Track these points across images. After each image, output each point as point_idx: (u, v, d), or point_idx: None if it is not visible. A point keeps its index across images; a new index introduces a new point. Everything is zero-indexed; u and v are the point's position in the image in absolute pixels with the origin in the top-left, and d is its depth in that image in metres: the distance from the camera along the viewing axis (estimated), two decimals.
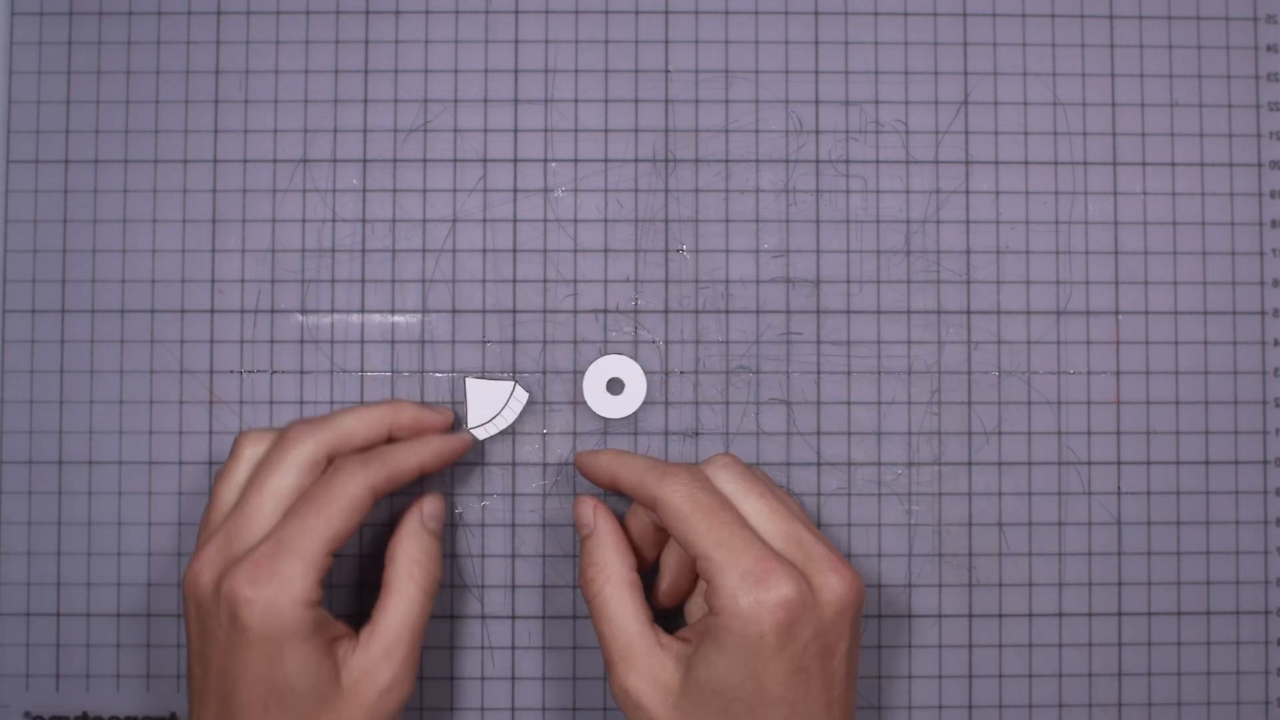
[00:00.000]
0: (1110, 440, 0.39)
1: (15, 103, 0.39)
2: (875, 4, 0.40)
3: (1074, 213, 0.40)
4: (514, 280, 0.39)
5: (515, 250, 0.40)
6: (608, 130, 0.40)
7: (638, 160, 0.40)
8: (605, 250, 0.39)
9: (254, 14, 0.40)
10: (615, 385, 0.39)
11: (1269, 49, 0.40)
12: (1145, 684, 0.39)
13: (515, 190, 0.40)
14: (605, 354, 0.39)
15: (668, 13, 0.40)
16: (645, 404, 0.39)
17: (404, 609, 0.33)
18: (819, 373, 0.39)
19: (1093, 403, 0.40)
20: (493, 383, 0.37)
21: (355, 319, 0.39)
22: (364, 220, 0.40)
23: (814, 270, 0.39)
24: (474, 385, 0.37)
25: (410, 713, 0.39)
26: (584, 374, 0.39)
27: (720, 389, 0.39)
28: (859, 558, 0.39)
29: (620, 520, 0.36)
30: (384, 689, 0.32)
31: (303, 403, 0.39)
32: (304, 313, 0.39)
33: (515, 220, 0.40)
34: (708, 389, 0.39)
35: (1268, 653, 0.39)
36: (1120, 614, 0.39)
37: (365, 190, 0.40)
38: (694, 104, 0.40)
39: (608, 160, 0.40)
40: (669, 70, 0.40)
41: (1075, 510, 0.39)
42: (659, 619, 0.34)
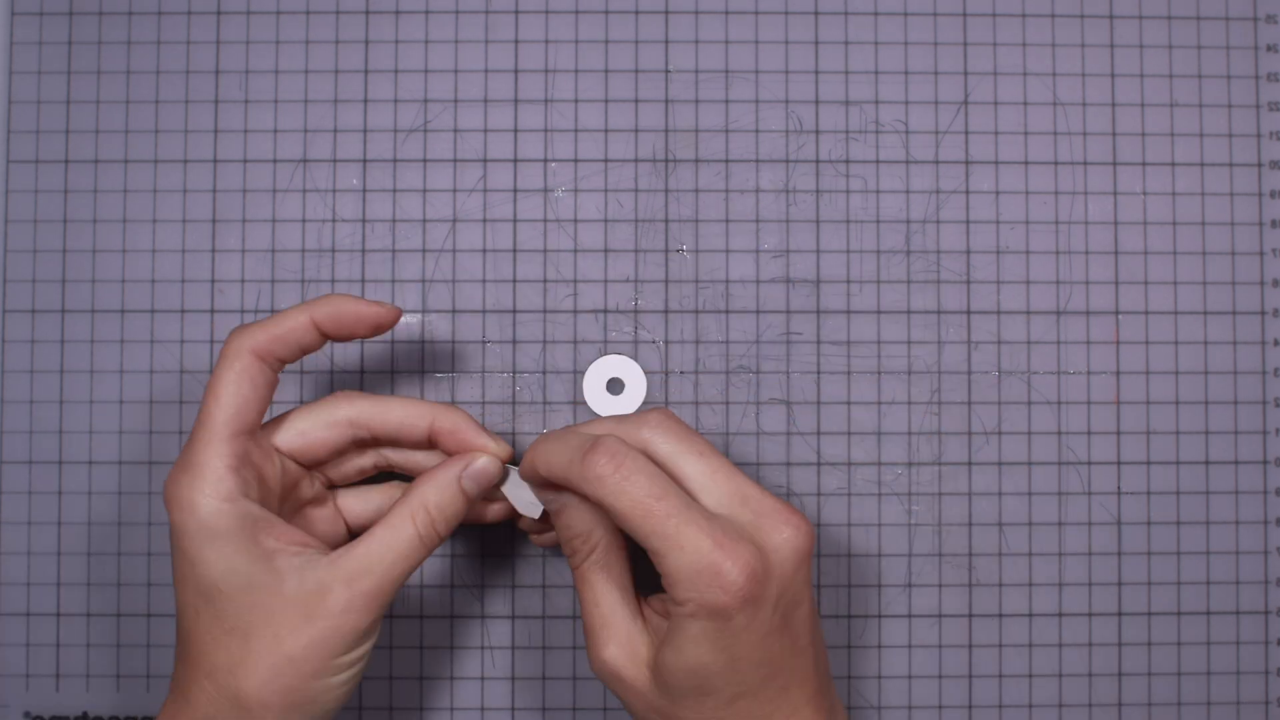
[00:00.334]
0: (1110, 440, 0.39)
1: (15, 103, 0.39)
2: (875, 4, 0.40)
3: (1074, 213, 0.40)
4: (514, 280, 0.39)
5: (515, 250, 0.40)
6: (608, 130, 0.40)
7: (638, 160, 0.40)
8: (605, 250, 0.39)
9: (254, 14, 0.40)
10: (615, 385, 0.39)
11: (1269, 49, 0.40)
12: (1145, 684, 0.39)
13: (515, 190, 0.40)
14: (605, 354, 0.39)
15: (668, 13, 0.40)
16: (645, 404, 0.39)
17: (389, 544, 0.31)
18: (819, 373, 0.39)
19: (1093, 403, 0.40)
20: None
21: None
22: (364, 220, 0.40)
23: (814, 270, 0.39)
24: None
25: (411, 713, 0.39)
26: (584, 374, 0.39)
27: (720, 389, 0.39)
28: (859, 557, 0.39)
29: None
30: (336, 613, 0.29)
31: (302, 403, 0.39)
32: None
33: (515, 220, 0.40)
34: (708, 389, 0.39)
35: (1268, 653, 0.39)
36: (1120, 614, 0.39)
37: (365, 190, 0.40)
38: (694, 104, 0.40)
39: (608, 160, 0.40)
40: (669, 70, 0.40)
41: (1075, 510, 0.39)
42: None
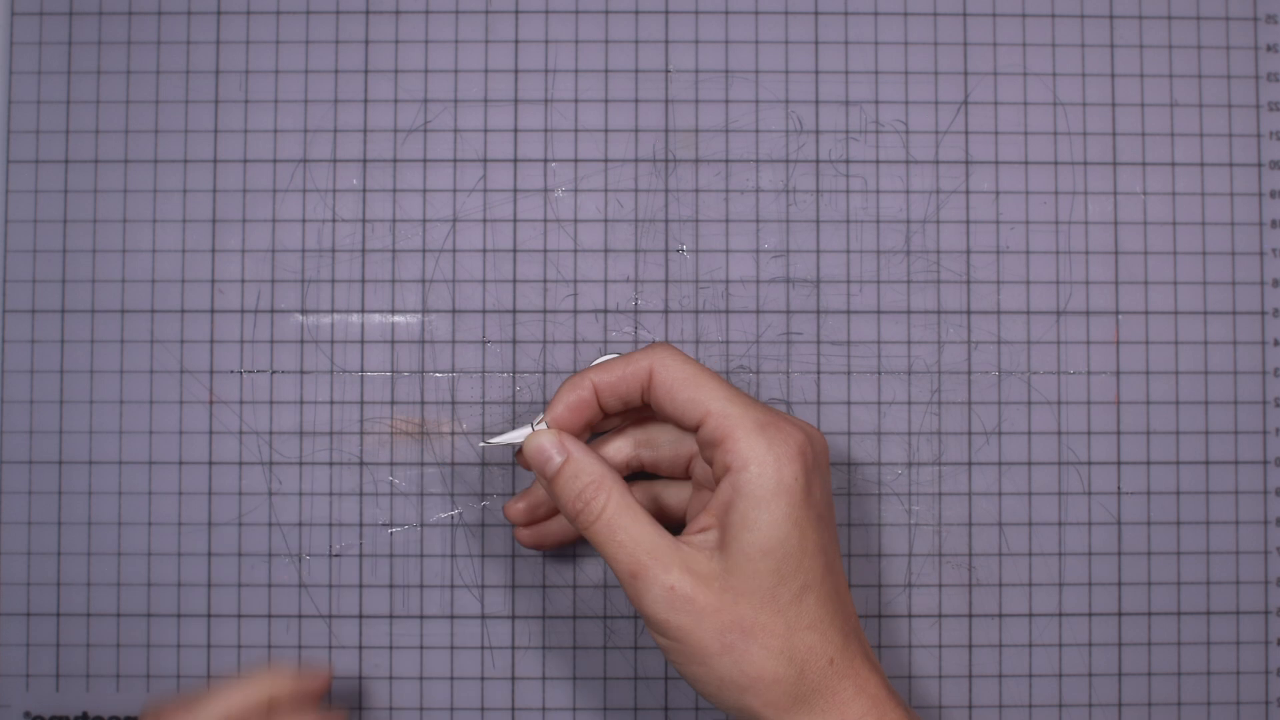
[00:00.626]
0: (1110, 440, 0.39)
1: (15, 103, 0.39)
2: (875, 4, 0.40)
3: (1074, 213, 0.40)
4: (514, 280, 0.39)
5: (515, 250, 0.40)
6: (608, 130, 0.40)
7: (638, 160, 0.40)
8: (605, 250, 0.39)
9: (254, 14, 0.40)
10: None
11: (1269, 49, 0.40)
12: (1145, 684, 0.39)
13: (515, 190, 0.40)
14: (605, 354, 0.39)
15: (668, 13, 0.40)
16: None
17: None
18: (819, 373, 0.39)
19: (1093, 403, 0.40)
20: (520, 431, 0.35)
21: (355, 319, 0.39)
22: (364, 220, 0.40)
23: (814, 270, 0.39)
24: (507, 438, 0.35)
25: (411, 712, 0.39)
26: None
27: None
28: (859, 558, 0.39)
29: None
30: None
31: (302, 403, 0.39)
32: (304, 313, 0.39)
33: (515, 220, 0.40)
34: None
35: (1268, 653, 0.39)
36: (1120, 614, 0.39)
37: (365, 190, 0.40)
38: (694, 104, 0.40)
39: (608, 160, 0.40)
40: (669, 70, 0.40)
41: (1075, 510, 0.39)
42: None
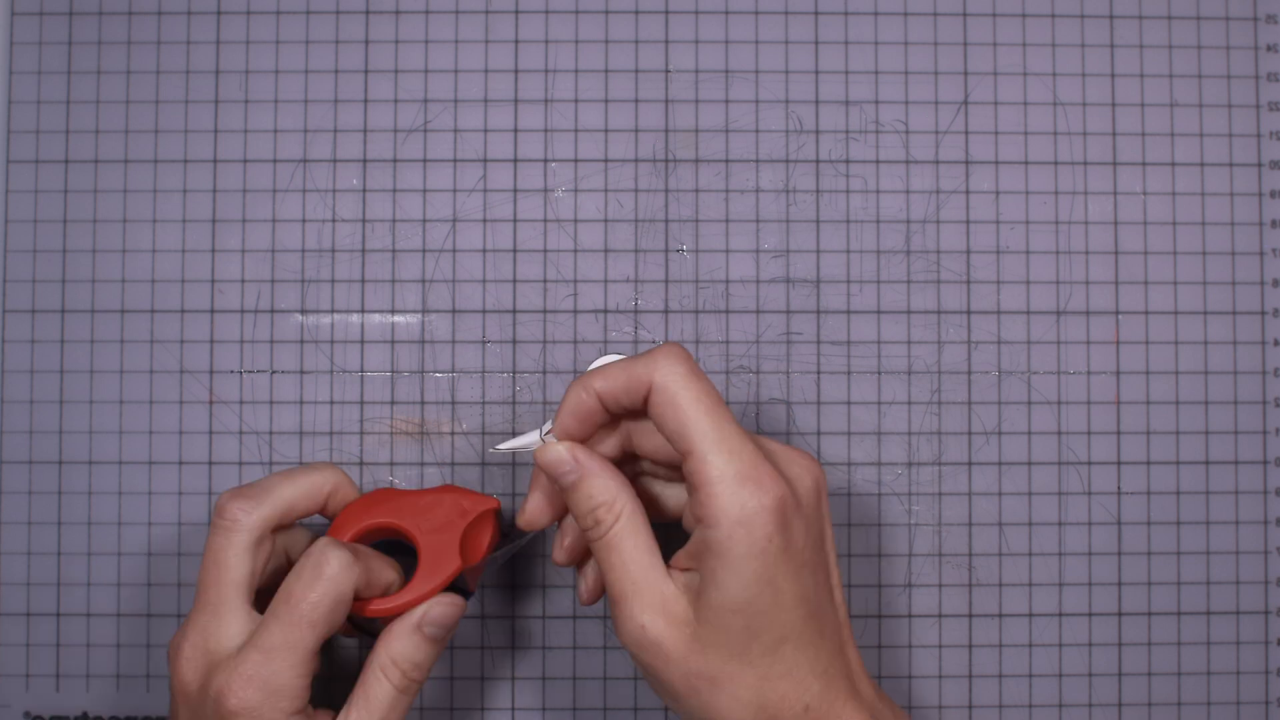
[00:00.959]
0: (1110, 440, 0.39)
1: (15, 103, 0.39)
2: (875, 4, 0.40)
3: (1074, 213, 0.40)
4: (514, 280, 0.39)
5: (515, 250, 0.40)
6: (608, 130, 0.40)
7: (638, 160, 0.40)
8: (605, 250, 0.39)
9: (254, 14, 0.40)
10: None
11: (1269, 49, 0.40)
12: (1145, 684, 0.39)
13: (515, 190, 0.40)
14: (605, 354, 0.39)
15: (668, 13, 0.40)
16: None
17: (372, 709, 0.32)
18: (819, 373, 0.39)
19: (1093, 403, 0.40)
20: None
21: (355, 319, 0.39)
22: (364, 220, 0.40)
23: (814, 270, 0.39)
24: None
25: (410, 713, 0.39)
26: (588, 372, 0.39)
27: (720, 389, 0.39)
28: (859, 558, 0.39)
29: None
30: None
31: (302, 403, 0.39)
32: (304, 313, 0.39)
33: (515, 220, 0.40)
34: None
35: (1268, 653, 0.39)
36: (1120, 614, 0.39)
37: (365, 190, 0.40)
38: (694, 104, 0.40)
39: (608, 160, 0.40)
40: (669, 70, 0.40)
41: (1075, 510, 0.39)
42: None
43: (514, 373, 0.39)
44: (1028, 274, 0.40)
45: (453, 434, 0.39)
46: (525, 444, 0.34)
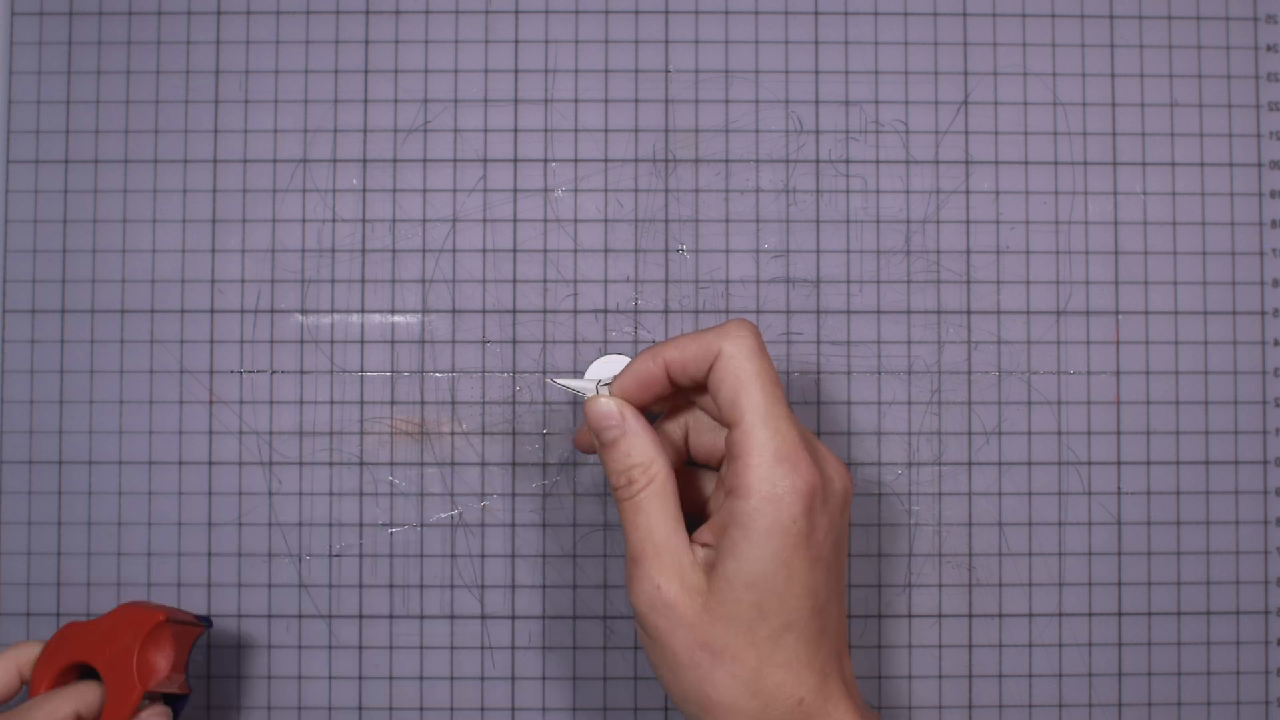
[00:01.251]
0: (1110, 440, 0.39)
1: (15, 103, 0.39)
2: (875, 4, 0.40)
3: (1074, 213, 0.40)
4: (514, 280, 0.39)
5: (515, 250, 0.40)
6: (608, 130, 0.40)
7: (638, 160, 0.40)
8: (605, 250, 0.39)
9: (254, 14, 0.40)
10: None
11: (1269, 49, 0.40)
12: (1145, 684, 0.39)
13: (515, 190, 0.40)
14: (605, 354, 0.39)
15: (668, 13, 0.40)
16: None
17: None
18: (819, 373, 0.39)
19: (1093, 403, 0.40)
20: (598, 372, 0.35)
21: (355, 319, 0.39)
22: (364, 220, 0.40)
23: (814, 270, 0.40)
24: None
25: (411, 713, 0.39)
26: (584, 374, 0.39)
27: None
28: (859, 557, 0.39)
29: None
30: None
31: (302, 403, 0.39)
32: (304, 313, 0.39)
33: (515, 220, 0.40)
34: None
35: (1268, 653, 0.39)
36: (1120, 614, 0.39)
37: (365, 190, 0.40)
38: (694, 104, 0.40)
39: (608, 160, 0.40)
40: (669, 70, 0.40)
41: (1075, 510, 0.39)
42: None
43: (514, 373, 0.39)
44: (1028, 274, 0.40)
45: (453, 434, 0.39)
46: (580, 388, 0.34)
